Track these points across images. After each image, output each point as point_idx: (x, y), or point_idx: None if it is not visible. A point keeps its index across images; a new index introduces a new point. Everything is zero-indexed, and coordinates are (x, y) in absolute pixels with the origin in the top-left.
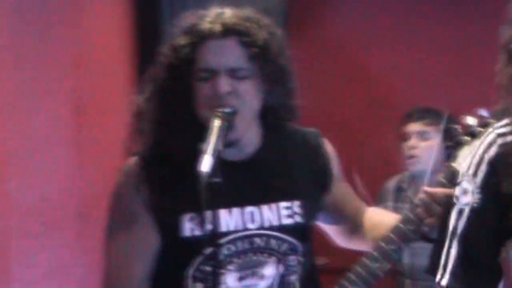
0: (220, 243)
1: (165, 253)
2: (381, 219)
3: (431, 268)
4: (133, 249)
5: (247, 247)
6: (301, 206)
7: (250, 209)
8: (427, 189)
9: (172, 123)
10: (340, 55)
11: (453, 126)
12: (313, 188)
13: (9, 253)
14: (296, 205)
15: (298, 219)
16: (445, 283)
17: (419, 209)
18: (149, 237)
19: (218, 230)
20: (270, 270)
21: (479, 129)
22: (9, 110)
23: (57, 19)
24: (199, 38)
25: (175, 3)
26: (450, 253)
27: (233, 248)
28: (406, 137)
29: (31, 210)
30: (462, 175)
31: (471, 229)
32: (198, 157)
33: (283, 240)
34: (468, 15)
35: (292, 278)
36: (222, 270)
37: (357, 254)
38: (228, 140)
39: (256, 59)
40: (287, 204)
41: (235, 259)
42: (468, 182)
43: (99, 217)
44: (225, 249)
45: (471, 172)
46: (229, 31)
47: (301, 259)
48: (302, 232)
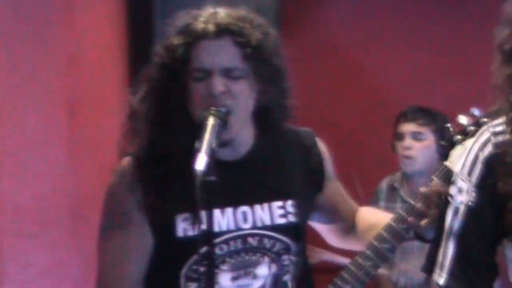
0: (214, 242)
1: (159, 253)
2: (374, 218)
3: (427, 267)
4: (127, 249)
5: (240, 247)
6: (294, 205)
7: (243, 208)
8: (422, 190)
9: (166, 123)
10: (334, 55)
11: (446, 125)
12: (307, 188)
13: (3, 253)
14: (289, 205)
15: (292, 219)
16: (442, 282)
17: (413, 213)
18: (143, 237)
19: (213, 229)
20: (264, 270)
21: (472, 128)
22: (3, 110)
23: (50, 19)
24: (193, 38)
25: (168, 3)
26: (447, 252)
27: (226, 248)
28: (400, 136)
29: (24, 210)
30: (457, 174)
31: (467, 228)
32: (192, 157)
33: (276, 240)
34: (463, 14)
35: (286, 278)
36: (215, 270)
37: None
38: (222, 139)
39: (250, 59)
40: (280, 203)
41: (228, 259)
42: (463, 180)
43: (93, 216)
44: (218, 249)
45: (466, 171)
46: (223, 31)
47: (294, 258)
48: (295, 232)
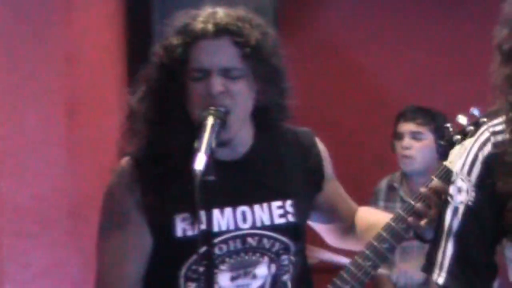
0: (213, 242)
1: (158, 253)
2: (373, 218)
3: (427, 267)
4: (126, 249)
5: (239, 246)
6: (293, 205)
7: (242, 208)
8: (422, 191)
9: (165, 123)
10: (333, 55)
11: (445, 125)
12: (306, 188)
13: (3, 253)
14: (288, 205)
15: (291, 219)
16: (441, 281)
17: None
18: (141, 237)
19: (212, 229)
20: (263, 270)
21: (471, 128)
22: (2, 110)
23: (49, 19)
24: (192, 38)
25: (167, 3)
26: (446, 251)
27: (225, 248)
28: (400, 136)
29: (23, 210)
30: (457, 173)
31: (466, 227)
32: (191, 157)
33: (275, 240)
34: (463, 14)
35: (285, 278)
36: (214, 270)
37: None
38: (221, 139)
39: (249, 59)
40: (279, 203)
41: (227, 258)
42: (463, 180)
43: (93, 216)
44: (217, 249)
45: (465, 170)
46: (222, 31)
47: (293, 258)
48: (294, 232)
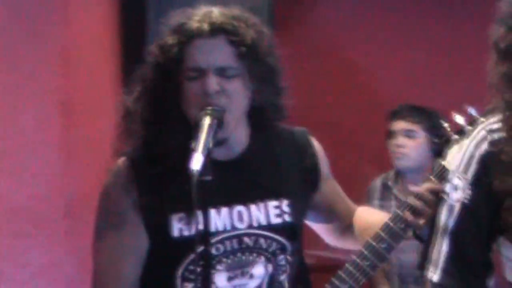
0: (210, 242)
1: (154, 253)
2: (371, 218)
3: (422, 264)
4: (122, 249)
5: (236, 246)
6: (289, 205)
7: (239, 208)
8: (413, 189)
9: (161, 122)
10: (328, 54)
11: (441, 123)
12: (302, 187)
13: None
14: (284, 204)
15: (287, 218)
16: (436, 279)
17: (407, 212)
18: (138, 237)
19: (208, 229)
20: (259, 270)
21: (468, 127)
22: None
23: (45, 19)
24: (187, 37)
25: (162, 2)
26: (441, 249)
27: (222, 248)
28: (392, 134)
29: (20, 210)
30: (453, 171)
31: (462, 225)
32: (187, 156)
33: (272, 239)
34: (463, 14)
35: (282, 278)
36: (211, 270)
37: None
38: (217, 138)
39: (245, 58)
40: (275, 203)
41: (224, 259)
42: (459, 178)
43: (89, 216)
44: (214, 249)
45: (462, 168)
46: (217, 30)
47: (290, 258)
48: (291, 231)
